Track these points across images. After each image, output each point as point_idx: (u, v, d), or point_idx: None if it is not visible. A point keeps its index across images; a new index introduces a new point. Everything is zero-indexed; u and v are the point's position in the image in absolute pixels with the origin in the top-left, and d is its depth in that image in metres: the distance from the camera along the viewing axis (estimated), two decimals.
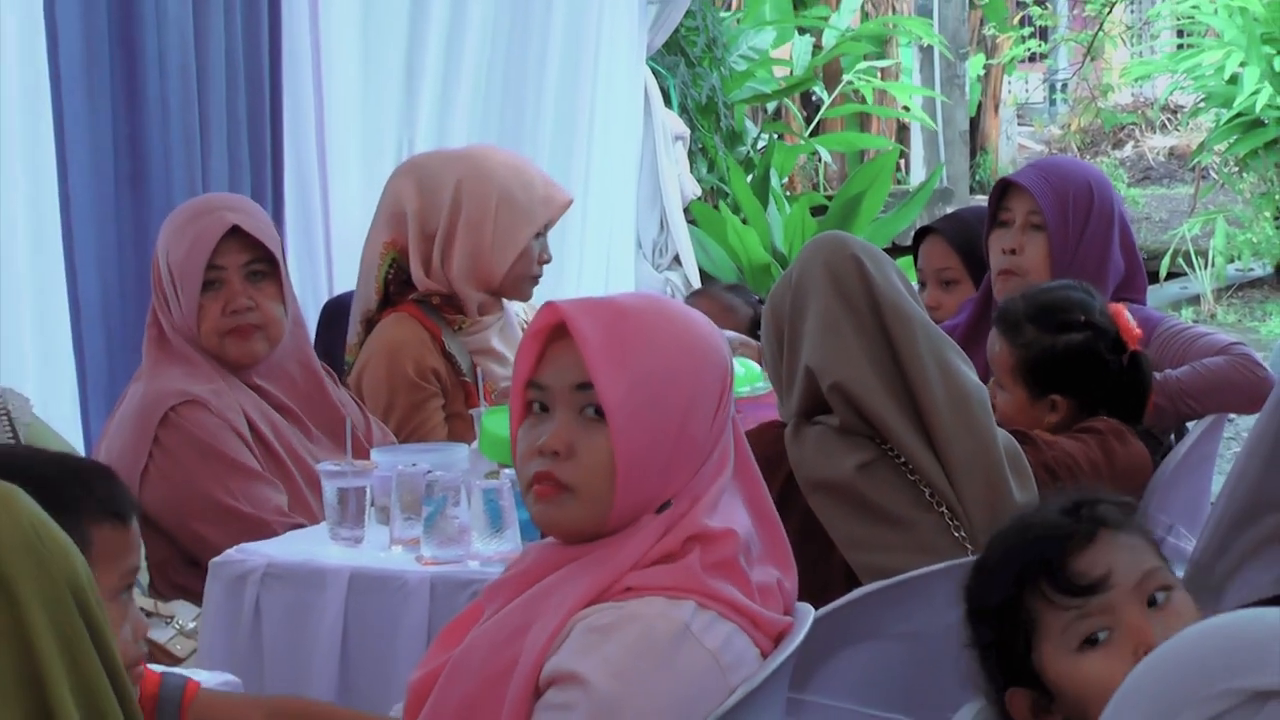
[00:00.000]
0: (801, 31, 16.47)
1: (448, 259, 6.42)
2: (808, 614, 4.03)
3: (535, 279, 6.53)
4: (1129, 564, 3.16)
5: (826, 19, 17.31)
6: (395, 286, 6.52)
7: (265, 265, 5.85)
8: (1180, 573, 3.55)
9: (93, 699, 2.57)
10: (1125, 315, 5.45)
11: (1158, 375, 5.84)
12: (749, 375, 6.04)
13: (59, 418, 6.77)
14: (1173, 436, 6.13)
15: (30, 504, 2.60)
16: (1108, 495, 3.29)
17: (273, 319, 5.85)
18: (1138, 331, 5.45)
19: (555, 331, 3.81)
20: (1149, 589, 3.11)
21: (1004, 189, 6.32)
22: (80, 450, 6.54)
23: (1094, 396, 5.25)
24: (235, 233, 5.79)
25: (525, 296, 6.59)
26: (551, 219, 6.52)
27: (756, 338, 6.83)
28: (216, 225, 5.78)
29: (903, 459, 4.87)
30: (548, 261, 6.57)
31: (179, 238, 5.80)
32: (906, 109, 19.03)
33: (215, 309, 5.76)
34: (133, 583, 3.57)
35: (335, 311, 7.25)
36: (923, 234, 6.69)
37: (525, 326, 6.28)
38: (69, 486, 3.42)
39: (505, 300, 6.65)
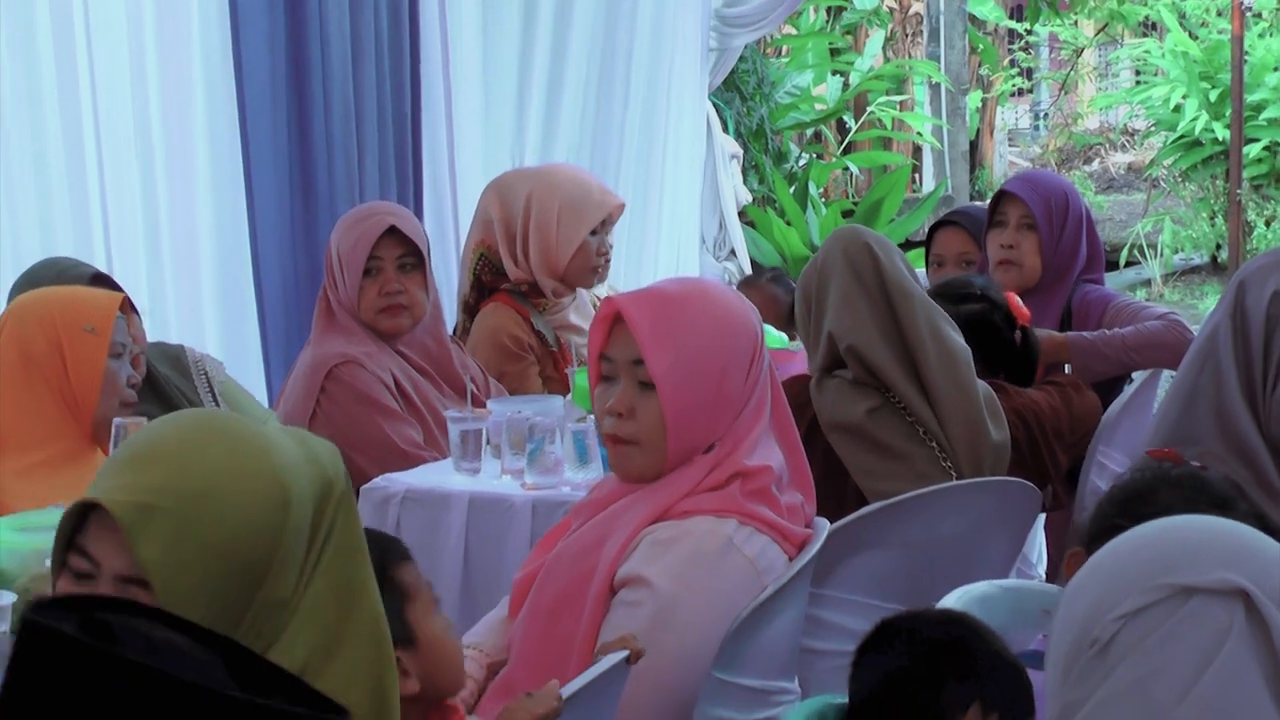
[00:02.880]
0: (835, 73, 16.43)
1: (526, 255, 6.41)
2: (825, 527, 4.07)
3: (595, 269, 6.47)
4: None
5: (854, 63, 17.26)
6: (487, 277, 6.50)
7: (414, 259, 5.86)
8: None
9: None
10: (1016, 300, 5.44)
11: (1108, 333, 5.90)
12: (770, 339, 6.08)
13: (245, 377, 6.78)
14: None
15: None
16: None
17: (417, 301, 5.86)
18: (1026, 312, 5.42)
19: (617, 317, 3.86)
20: None
21: (1000, 196, 6.31)
22: (264, 401, 6.55)
23: (993, 357, 5.19)
24: (392, 232, 5.81)
25: (588, 284, 6.54)
26: (605, 219, 6.45)
27: (794, 316, 6.84)
28: (378, 225, 5.81)
29: (902, 405, 4.86)
30: (607, 253, 6.51)
31: (349, 233, 5.82)
32: (919, 134, 18.94)
33: (373, 290, 5.78)
34: None
35: None
36: (940, 225, 6.65)
37: (596, 304, 6.49)
38: None
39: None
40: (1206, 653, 1.96)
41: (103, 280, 5.30)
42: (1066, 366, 5.88)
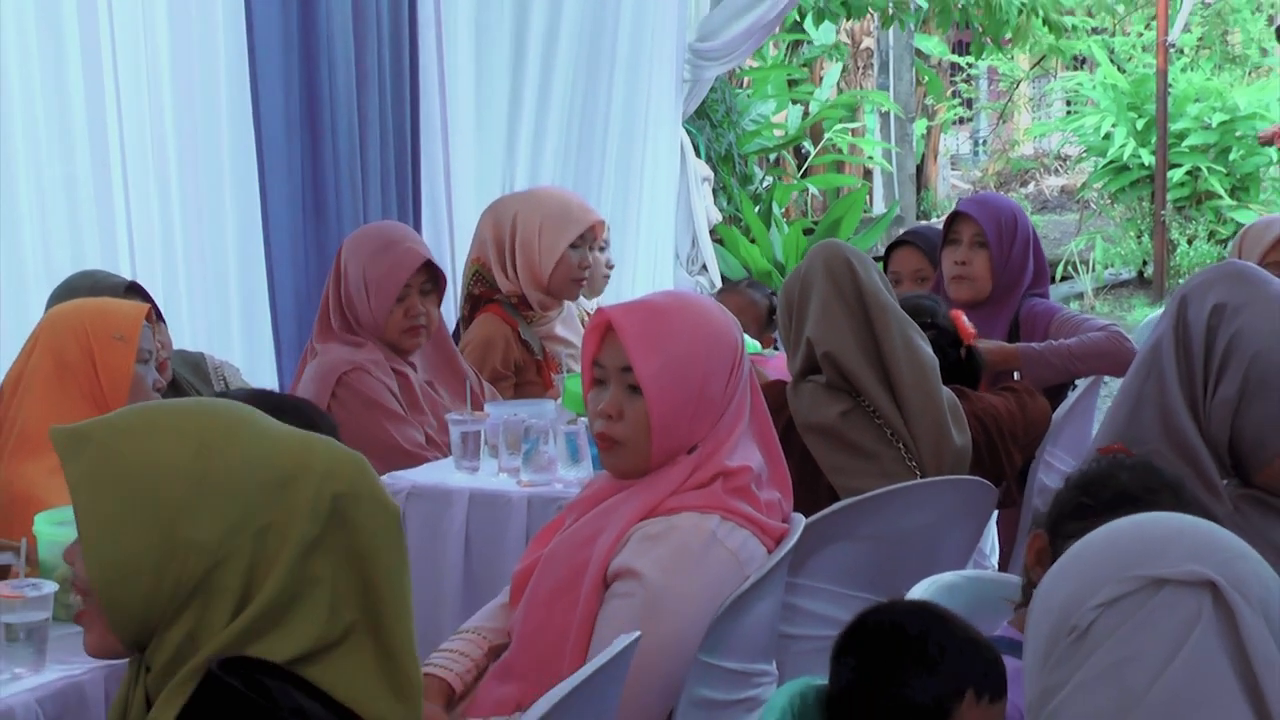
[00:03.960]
0: (794, 102, 16.42)
1: (514, 269, 6.42)
2: (801, 522, 4.05)
3: (577, 281, 6.47)
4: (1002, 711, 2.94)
5: (812, 93, 17.28)
6: (480, 290, 6.49)
7: (432, 284, 5.89)
8: None
9: (400, 608, 2.58)
10: (962, 319, 5.42)
11: (1055, 343, 5.91)
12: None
13: (259, 381, 6.79)
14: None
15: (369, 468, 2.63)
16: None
17: (434, 321, 5.92)
18: (972, 330, 5.39)
19: (609, 326, 3.86)
20: None
21: (955, 216, 6.31)
22: None
23: (942, 375, 5.15)
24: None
25: (572, 296, 6.55)
26: (584, 233, 6.44)
27: (770, 320, 6.85)
28: (413, 256, 5.84)
29: (873, 409, 4.85)
30: (588, 268, 6.50)
31: (379, 260, 5.80)
32: (870, 158, 18.97)
33: (400, 313, 5.79)
34: None
35: None
36: (896, 245, 6.66)
37: (584, 318, 6.55)
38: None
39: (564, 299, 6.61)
40: (1177, 639, 1.97)
41: (136, 290, 5.27)
42: (1015, 374, 5.88)
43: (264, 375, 7.20)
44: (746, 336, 5.90)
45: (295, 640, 2.49)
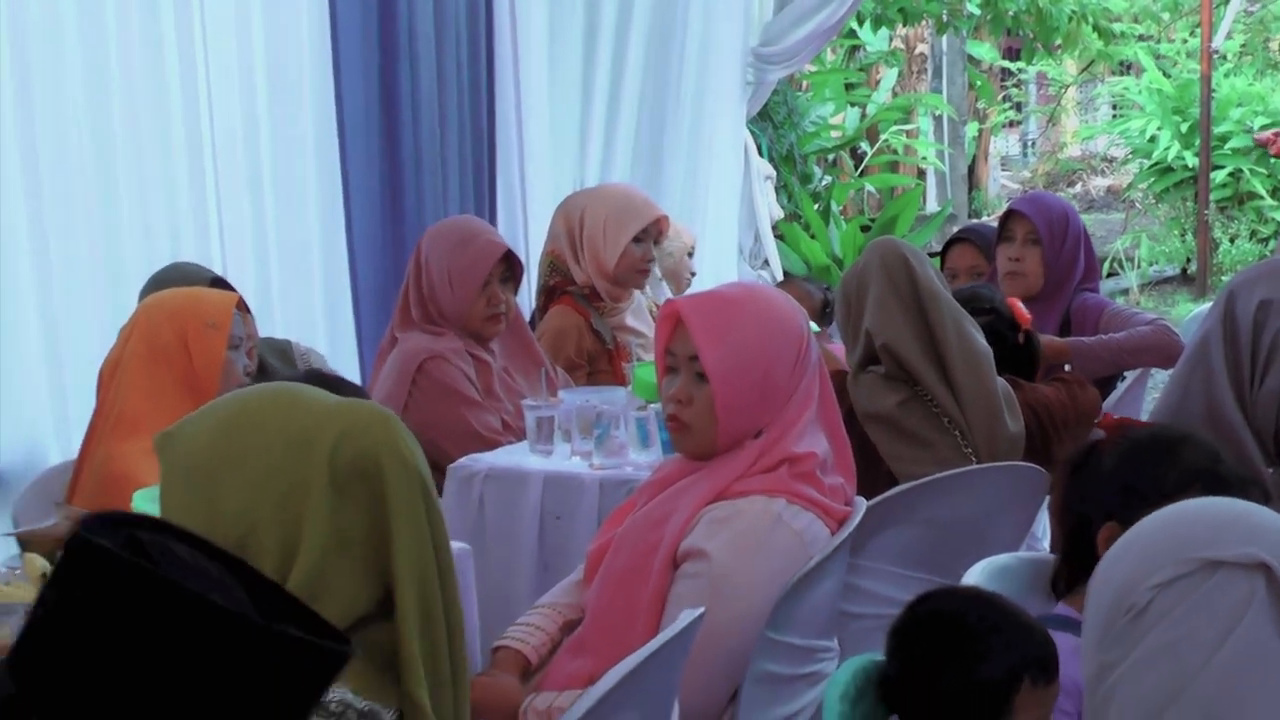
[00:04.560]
0: (852, 105, 16.39)
1: (583, 261, 6.42)
2: (862, 505, 4.05)
3: (641, 274, 6.45)
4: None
5: (869, 97, 17.24)
6: (554, 281, 6.49)
7: (510, 273, 5.89)
8: None
9: (424, 565, 2.53)
10: (1019, 305, 5.38)
11: (1105, 337, 5.89)
12: None
13: (341, 367, 6.82)
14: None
15: (401, 423, 2.59)
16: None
17: (512, 308, 5.92)
18: (1027, 316, 5.35)
19: (678, 317, 3.88)
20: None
21: (1009, 214, 6.30)
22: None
23: (1001, 359, 5.12)
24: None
25: (637, 287, 6.53)
26: (647, 227, 6.42)
27: (825, 312, 6.85)
28: (493, 248, 5.85)
29: (930, 398, 4.83)
30: (651, 260, 6.49)
31: (461, 252, 5.80)
32: (924, 158, 18.91)
33: (482, 302, 5.78)
34: None
35: None
36: (953, 242, 6.64)
37: (653, 310, 6.52)
38: None
39: (635, 290, 6.61)
40: (1231, 619, 1.96)
41: (220, 283, 5.30)
42: (1067, 366, 5.86)
43: (346, 362, 7.23)
44: None
45: (341, 607, 2.47)
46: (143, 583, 1.81)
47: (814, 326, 6.23)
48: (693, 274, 7.09)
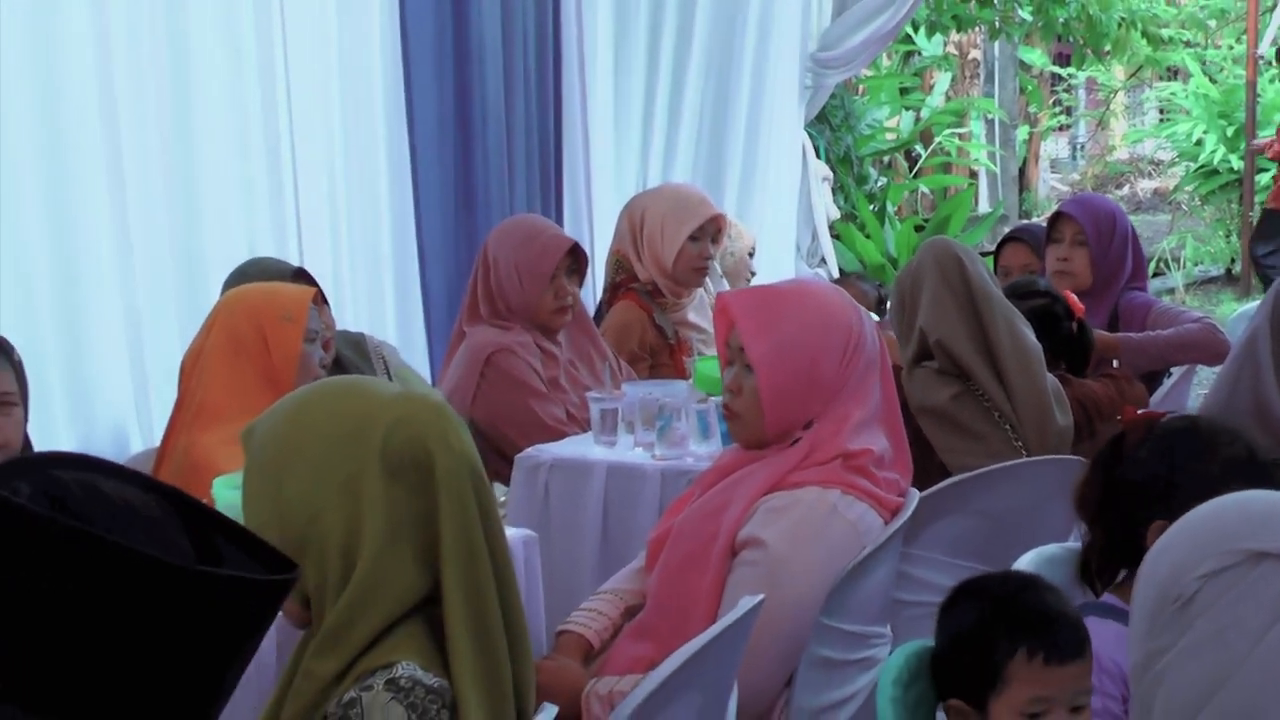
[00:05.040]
0: (906, 109, 16.35)
1: (644, 259, 6.42)
2: (915, 496, 4.03)
3: (698, 271, 6.43)
4: (1080, 675, 2.88)
5: (923, 101, 17.19)
6: (620, 278, 6.48)
7: (575, 265, 5.89)
8: None
9: (471, 548, 2.55)
10: (1072, 296, 5.37)
11: (1152, 333, 5.90)
12: None
13: (412, 359, 6.86)
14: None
15: (453, 413, 2.63)
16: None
17: (578, 300, 5.93)
18: (1081, 306, 5.35)
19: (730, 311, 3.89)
20: (1078, 699, 2.86)
21: (1058, 216, 6.27)
22: (428, 379, 6.58)
23: (1055, 343, 5.12)
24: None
25: (696, 283, 6.50)
26: (702, 225, 6.40)
27: (878, 309, 6.84)
28: (559, 242, 5.87)
29: (982, 393, 4.82)
30: (709, 258, 6.47)
31: (528, 247, 5.81)
32: (977, 161, 18.85)
33: (550, 294, 5.79)
34: None
35: None
36: (1006, 241, 6.62)
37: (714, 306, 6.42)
38: None
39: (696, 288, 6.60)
40: (1276, 608, 1.95)
41: (302, 275, 5.31)
42: (1115, 362, 5.84)
43: (416, 354, 7.27)
44: None
45: (402, 588, 2.52)
46: (51, 533, 1.77)
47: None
48: (753, 273, 7.07)
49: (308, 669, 2.54)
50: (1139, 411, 3.36)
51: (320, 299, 5.01)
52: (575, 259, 5.89)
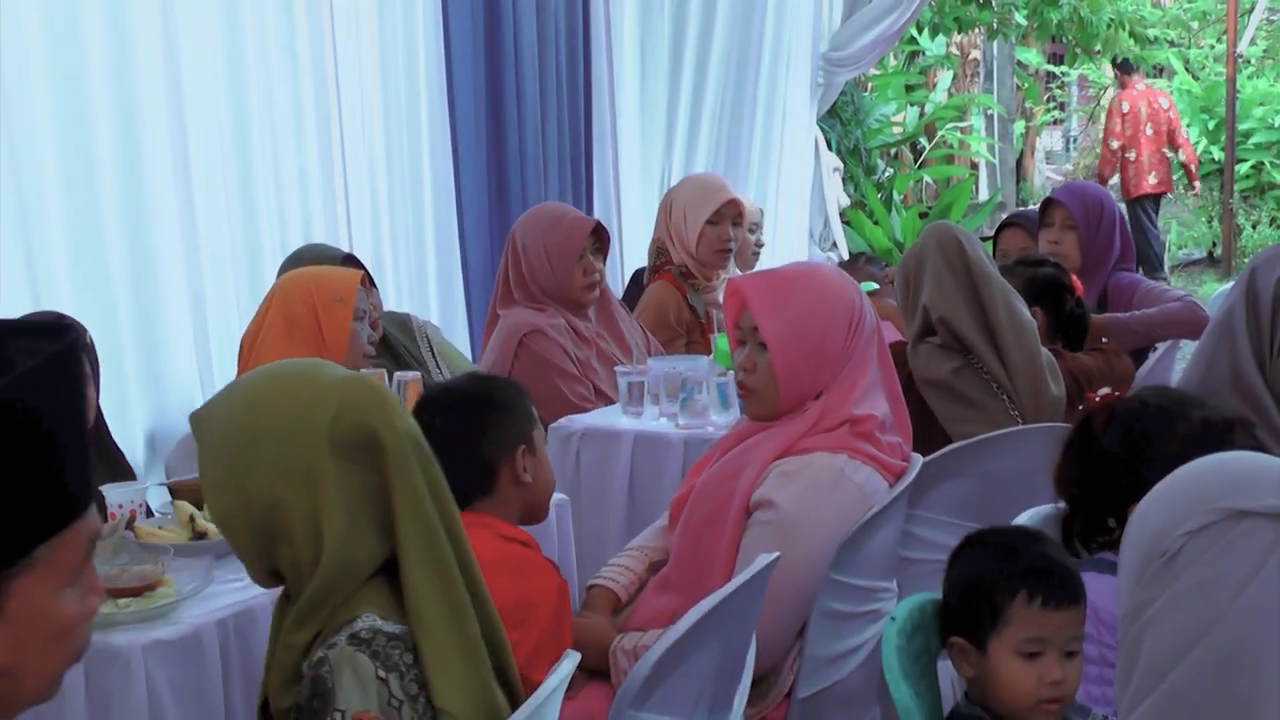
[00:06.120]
0: (911, 104, 16.32)
1: (675, 244, 6.41)
2: (918, 461, 4.03)
3: (720, 253, 6.40)
4: (1074, 621, 2.86)
5: (927, 97, 17.16)
6: (659, 263, 6.46)
7: (599, 244, 5.87)
8: None
9: (421, 512, 2.57)
10: (1073, 276, 5.36)
11: (1139, 312, 5.90)
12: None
13: (454, 336, 6.87)
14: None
15: (391, 393, 2.63)
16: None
17: (603, 276, 5.91)
18: (1080, 285, 5.34)
19: (742, 294, 3.89)
20: (1072, 644, 2.85)
21: (1048, 202, 6.27)
22: (468, 354, 6.58)
23: (1055, 316, 5.12)
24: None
25: (720, 264, 6.46)
26: (720, 209, 6.38)
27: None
28: (583, 223, 5.85)
29: (981, 365, 4.80)
30: (729, 240, 6.42)
31: (554, 231, 5.80)
32: (977, 152, 18.82)
33: (579, 273, 5.77)
34: None
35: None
36: (1004, 227, 6.60)
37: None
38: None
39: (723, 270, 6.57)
40: (1255, 563, 1.94)
41: (351, 260, 5.30)
42: (1104, 338, 5.82)
43: (458, 333, 7.27)
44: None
45: (367, 556, 2.54)
46: None
47: (872, 285, 6.31)
48: (760, 245, 7.03)
49: (287, 642, 2.56)
50: (1097, 397, 3.37)
51: (368, 281, 5.01)
52: (598, 238, 5.88)
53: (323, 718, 2.45)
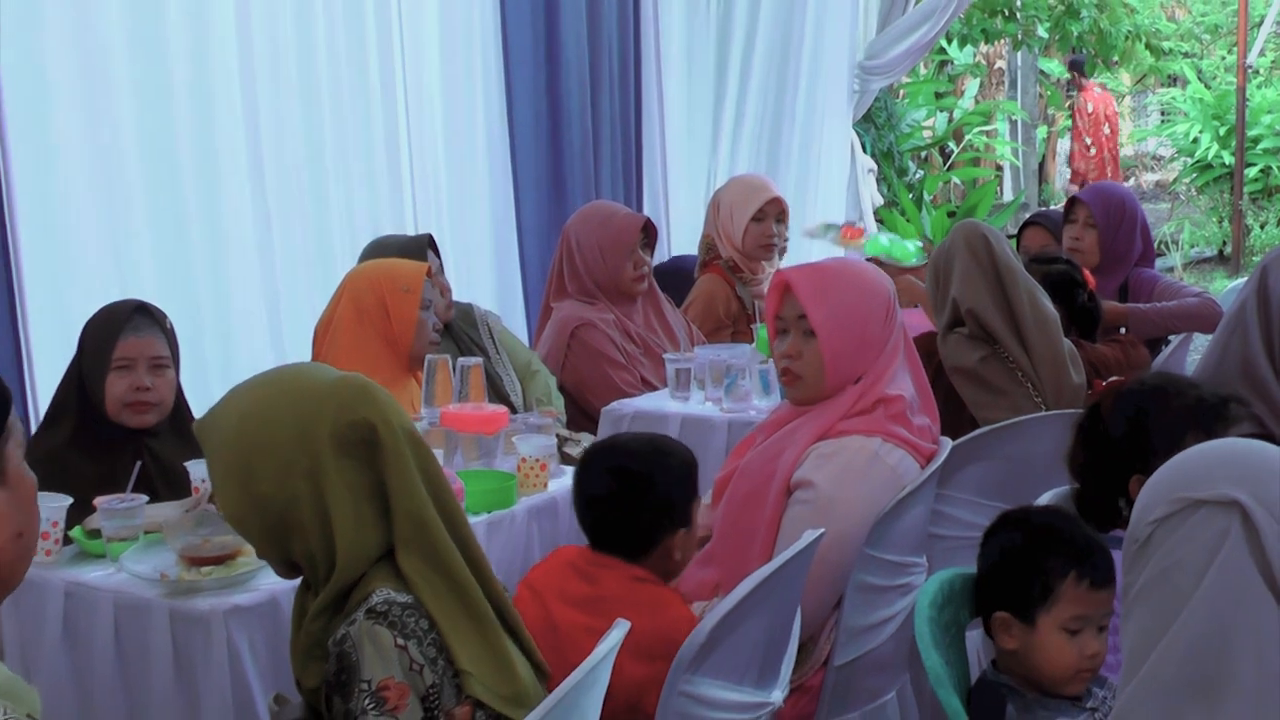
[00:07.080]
0: (941, 110, 16.27)
1: (723, 240, 6.38)
2: (948, 444, 4.01)
3: (764, 248, 6.35)
4: (1111, 599, 2.84)
5: (955, 104, 17.11)
6: (708, 258, 6.43)
7: (647, 239, 5.88)
8: None
9: (415, 498, 2.60)
10: (1087, 272, 5.33)
11: (1159, 304, 5.91)
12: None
13: (512, 324, 6.88)
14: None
15: (381, 389, 2.66)
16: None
17: (650, 269, 5.92)
18: (1092, 280, 5.32)
19: (787, 286, 3.87)
20: (1104, 620, 2.83)
21: (1073, 201, 6.25)
22: (526, 342, 6.58)
23: (1069, 307, 5.09)
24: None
25: (765, 258, 6.40)
26: (763, 206, 6.34)
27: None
28: (634, 219, 5.86)
29: (1006, 355, 4.77)
30: (773, 236, 6.38)
31: (606, 228, 5.82)
32: (1002, 156, 18.75)
33: (629, 266, 5.78)
34: None
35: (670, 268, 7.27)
36: (1026, 225, 6.59)
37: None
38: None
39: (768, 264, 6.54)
40: (1212, 549, 1.97)
41: (430, 245, 5.31)
42: (1123, 330, 5.80)
43: (515, 323, 7.29)
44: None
45: (374, 542, 2.58)
46: None
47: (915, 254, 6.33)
48: (785, 240, 7.02)
49: (310, 627, 2.61)
50: (1104, 383, 3.38)
51: (439, 269, 5.04)
52: (647, 234, 5.88)
53: (350, 689, 2.49)
